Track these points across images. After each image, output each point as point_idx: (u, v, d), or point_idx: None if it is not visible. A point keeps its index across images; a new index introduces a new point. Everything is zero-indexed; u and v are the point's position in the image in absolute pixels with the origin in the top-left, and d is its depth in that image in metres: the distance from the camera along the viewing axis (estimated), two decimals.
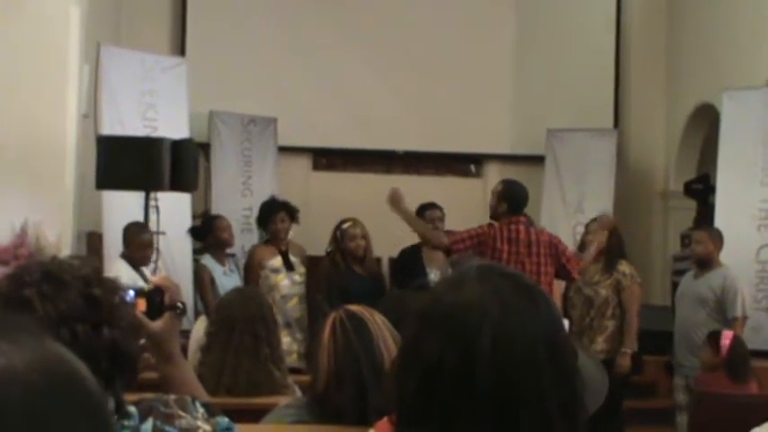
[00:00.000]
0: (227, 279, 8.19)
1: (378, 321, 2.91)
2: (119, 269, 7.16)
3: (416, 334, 1.62)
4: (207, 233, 8.67)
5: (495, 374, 1.51)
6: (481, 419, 1.52)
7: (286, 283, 8.19)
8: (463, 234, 7.18)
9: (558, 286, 7.87)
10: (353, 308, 2.97)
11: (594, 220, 8.36)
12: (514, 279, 1.66)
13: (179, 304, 2.37)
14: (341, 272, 7.97)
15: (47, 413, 0.96)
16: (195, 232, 9.26)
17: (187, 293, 8.71)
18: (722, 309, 7.90)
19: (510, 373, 1.52)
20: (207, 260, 8.48)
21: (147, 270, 7.93)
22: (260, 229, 8.52)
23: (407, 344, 1.64)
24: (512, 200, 7.24)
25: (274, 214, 8.36)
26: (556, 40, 12.57)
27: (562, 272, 7.17)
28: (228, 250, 8.91)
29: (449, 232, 7.56)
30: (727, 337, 6.91)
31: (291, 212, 8.45)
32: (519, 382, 1.53)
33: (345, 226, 8.05)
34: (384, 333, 2.87)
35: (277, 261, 8.24)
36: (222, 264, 8.40)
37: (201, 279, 8.33)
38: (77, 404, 1.00)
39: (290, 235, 8.51)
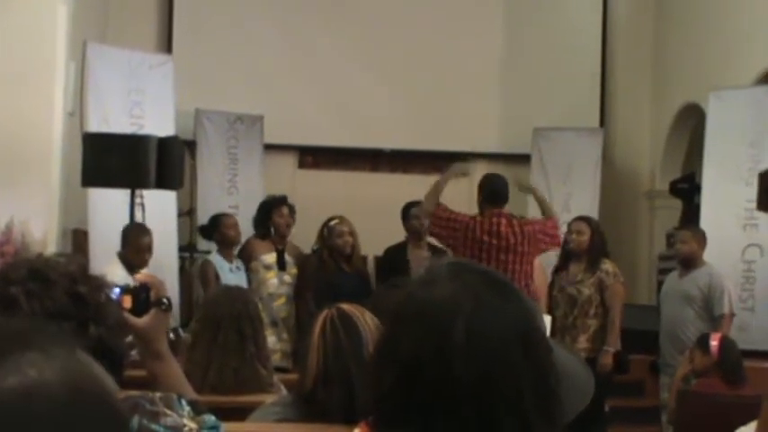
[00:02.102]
0: (233, 276, 8.17)
1: (368, 321, 2.92)
2: (113, 272, 7.05)
3: (390, 333, 1.62)
4: (213, 231, 8.66)
5: (471, 370, 1.51)
6: (460, 417, 1.51)
7: (274, 282, 8.18)
8: (447, 213, 7.32)
9: (543, 281, 7.89)
10: (345, 307, 2.97)
11: (577, 218, 8.36)
12: (485, 275, 1.66)
13: (164, 300, 2.36)
14: (328, 269, 7.97)
15: (73, 428, 0.96)
16: (203, 230, 9.27)
17: (173, 290, 8.70)
18: (709, 306, 7.92)
19: (486, 368, 1.52)
20: (213, 257, 8.48)
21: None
22: (256, 227, 8.48)
23: (382, 343, 1.64)
24: (486, 190, 7.32)
25: (276, 208, 8.35)
26: (543, 40, 12.59)
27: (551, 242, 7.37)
28: None
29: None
30: (714, 339, 6.91)
31: (292, 208, 8.45)
32: (495, 376, 1.52)
33: (333, 223, 8.05)
34: (374, 333, 2.87)
35: (271, 257, 8.24)
36: (229, 261, 8.38)
37: (206, 275, 8.32)
38: (103, 421, 1.01)
39: (291, 233, 8.51)
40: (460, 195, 12.02)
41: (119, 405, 1.04)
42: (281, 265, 8.24)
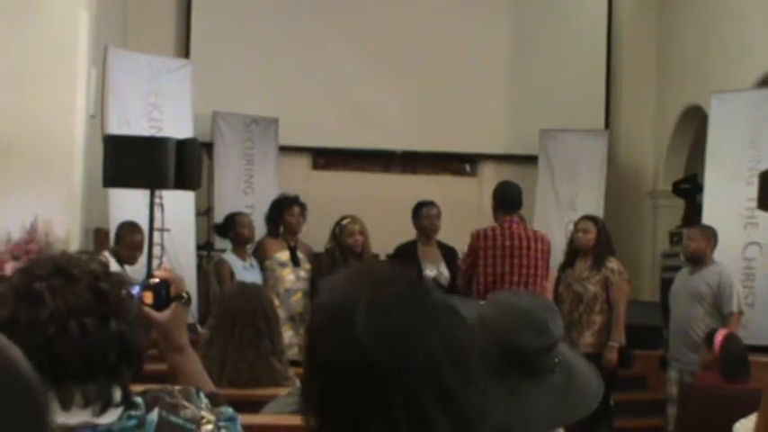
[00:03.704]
0: (247, 273, 8.17)
1: None
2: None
3: (307, 345, 1.62)
4: (228, 229, 8.68)
5: (383, 355, 1.49)
6: (389, 409, 1.49)
7: (291, 278, 8.18)
8: (461, 262, 7.49)
9: (550, 278, 7.89)
10: None
11: (583, 217, 8.36)
12: (376, 268, 1.66)
13: (184, 294, 2.37)
14: (339, 267, 7.95)
15: None
16: (218, 229, 9.30)
17: (191, 287, 8.71)
18: (718, 304, 7.89)
19: (396, 347, 1.50)
20: (228, 255, 8.49)
21: (129, 268, 7.95)
22: (268, 225, 8.49)
23: (304, 358, 1.64)
24: (500, 198, 7.33)
25: (288, 207, 8.35)
26: (549, 44, 12.58)
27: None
28: None
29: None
30: (720, 335, 6.89)
31: (303, 207, 8.46)
32: (408, 354, 1.50)
33: (344, 222, 8.05)
34: None
35: (284, 255, 8.24)
36: (243, 259, 8.39)
37: (221, 273, 8.34)
38: (11, 389, 1.00)
39: (303, 230, 8.52)
40: (468, 198, 12.11)
41: (29, 375, 1.04)
42: (295, 261, 8.25)
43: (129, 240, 8.10)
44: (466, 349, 1.58)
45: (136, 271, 7.93)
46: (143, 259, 8.04)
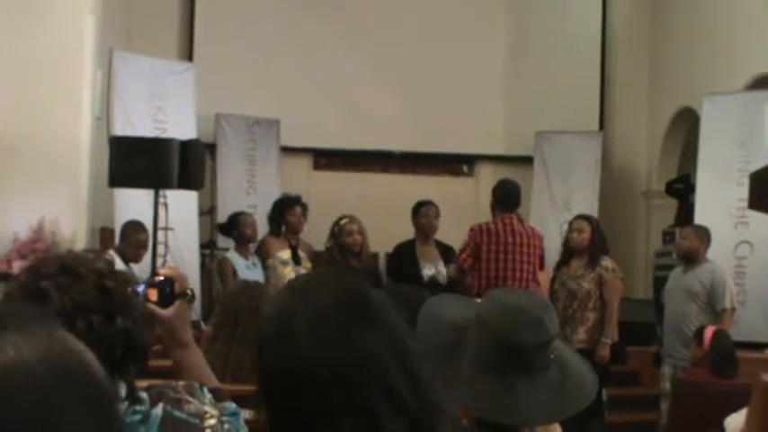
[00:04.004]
0: (249, 272, 8.19)
1: None
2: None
3: (257, 359, 1.64)
4: (232, 228, 8.69)
5: (323, 359, 1.50)
6: (335, 422, 1.49)
7: (292, 276, 8.17)
8: (460, 251, 7.44)
9: (546, 276, 7.90)
10: None
11: (578, 217, 8.36)
12: (307, 280, 1.68)
13: (188, 291, 2.38)
14: (338, 266, 7.97)
15: (57, 402, 0.97)
16: (222, 228, 9.30)
17: (194, 285, 8.70)
18: (712, 302, 7.90)
19: (334, 351, 1.51)
20: (231, 254, 8.50)
21: (134, 266, 7.96)
22: (271, 224, 8.49)
23: (256, 373, 1.64)
24: (500, 195, 7.43)
25: (290, 207, 8.36)
26: (545, 49, 12.59)
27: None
28: None
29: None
30: (709, 331, 6.90)
31: (305, 207, 8.47)
32: (349, 355, 1.51)
33: (343, 222, 8.05)
34: None
35: (286, 254, 8.24)
36: (246, 257, 8.40)
37: (224, 271, 8.35)
38: (86, 393, 1.01)
39: (304, 230, 8.53)
40: (466, 197, 12.11)
41: (102, 378, 1.04)
42: (297, 260, 8.25)
43: (134, 239, 8.12)
44: (410, 348, 1.58)
45: (140, 269, 7.94)
46: (147, 257, 8.05)
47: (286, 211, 8.34)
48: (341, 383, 1.49)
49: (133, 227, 8.22)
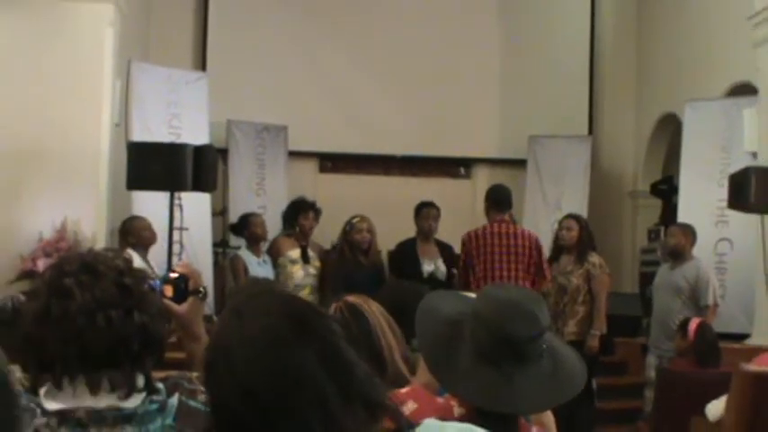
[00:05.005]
0: (260, 268, 8.19)
1: (374, 310, 2.86)
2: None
3: (205, 385, 1.63)
4: (243, 228, 8.69)
5: (256, 375, 1.49)
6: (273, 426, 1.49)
7: (300, 274, 8.17)
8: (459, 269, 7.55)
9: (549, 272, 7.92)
10: (351, 298, 2.91)
11: (567, 216, 8.36)
12: (241, 307, 1.63)
13: (201, 289, 2.38)
14: (347, 262, 7.97)
15: None
16: (233, 228, 9.30)
17: (207, 282, 8.72)
18: (696, 297, 7.90)
19: (266, 366, 1.50)
20: (242, 252, 8.49)
21: (153, 261, 7.92)
22: (284, 222, 8.49)
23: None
24: (492, 198, 7.51)
25: (304, 212, 8.35)
26: (537, 57, 12.59)
27: (539, 271, 7.35)
28: None
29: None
30: (693, 323, 6.90)
31: (317, 212, 8.47)
32: (280, 369, 1.50)
33: (354, 221, 8.07)
34: (380, 321, 2.83)
35: (296, 253, 8.22)
36: (257, 255, 8.40)
37: (236, 268, 8.35)
38: None
39: (313, 232, 8.53)
40: (463, 198, 12.12)
41: (3, 368, 1.03)
42: (306, 258, 8.25)
43: (137, 225, 7.98)
44: (346, 360, 1.57)
45: (156, 261, 7.92)
46: (164, 255, 8.04)
47: (300, 215, 8.32)
48: (279, 403, 1.48)
49: (128, 220, 8.11)
